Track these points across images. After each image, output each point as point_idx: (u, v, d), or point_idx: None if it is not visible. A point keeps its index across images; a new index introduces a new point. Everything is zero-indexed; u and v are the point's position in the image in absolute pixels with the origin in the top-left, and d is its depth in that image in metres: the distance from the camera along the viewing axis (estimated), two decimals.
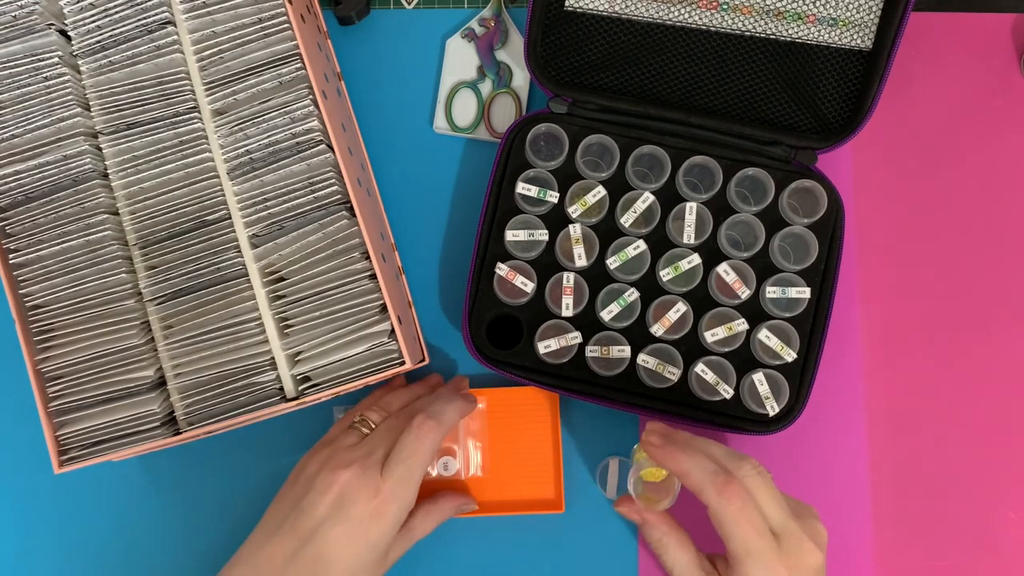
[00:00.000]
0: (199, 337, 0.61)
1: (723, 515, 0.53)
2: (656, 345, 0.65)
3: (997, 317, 0.70)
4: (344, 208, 0.61)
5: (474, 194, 0.71)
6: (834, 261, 0.65)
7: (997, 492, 0.69)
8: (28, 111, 0.62)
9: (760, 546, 0.52)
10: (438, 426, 0.58)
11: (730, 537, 0.53)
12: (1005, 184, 0.72)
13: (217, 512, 0.69)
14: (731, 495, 0.53)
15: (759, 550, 0.52)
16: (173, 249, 0.61)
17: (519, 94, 0.72)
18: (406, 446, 0.57)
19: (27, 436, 0.69)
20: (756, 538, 0.52)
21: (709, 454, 0.56)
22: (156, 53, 0.62)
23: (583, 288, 0.66)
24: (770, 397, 0.63)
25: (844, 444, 0.69)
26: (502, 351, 0.66)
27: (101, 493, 0.69)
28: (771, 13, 0.66)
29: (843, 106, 0.66)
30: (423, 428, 0.57)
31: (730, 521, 0.53)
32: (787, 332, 0.64)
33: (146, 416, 0.60)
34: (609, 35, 0.68)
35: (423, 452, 0.57)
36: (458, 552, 0.68)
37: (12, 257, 0.61)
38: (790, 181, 0.65)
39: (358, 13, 0.71)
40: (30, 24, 0.62)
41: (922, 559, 0.68)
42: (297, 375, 0.60)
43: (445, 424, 0.58)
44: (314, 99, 0.61)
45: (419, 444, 0.57)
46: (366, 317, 0.60)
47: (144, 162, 0.62)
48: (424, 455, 0.57)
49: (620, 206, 0.66)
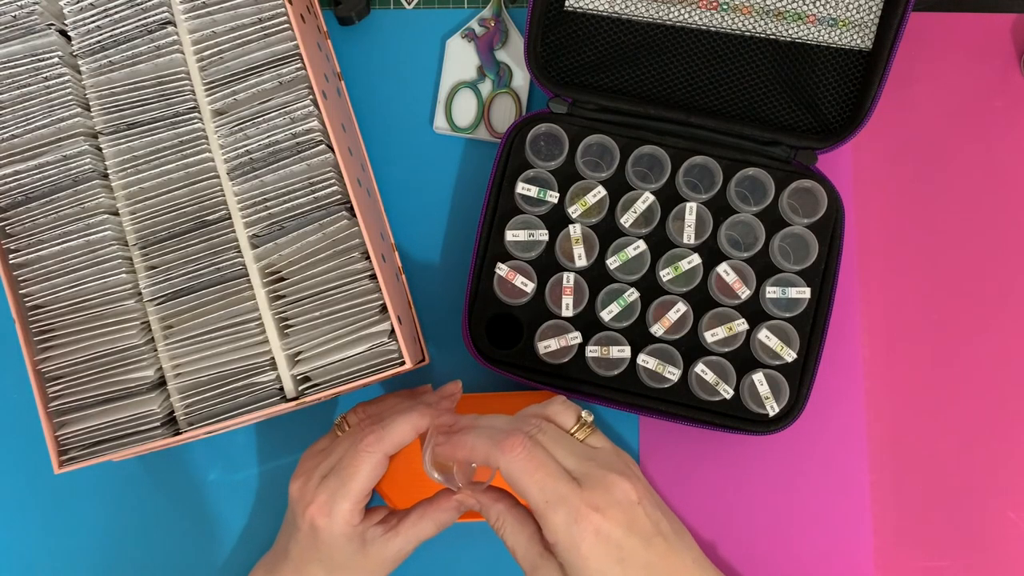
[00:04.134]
0: (199, 337, 0.61)
1: (512, 469, 0.49)
2: (656, 345, 0.65)
3: (997, 317, 0.70)
4: (344, 208, 0.61)
5: (474, 194, 0.71)
6: (834, 261, 0.65)
7: (997, 492, 0.69)
8: (28, 111, 0.61)
9: (558, 489, 0.48)
10: (378, 442, 0.56)
11: (526, 490, 0.49)
12: (1005, 184, 0.72)
13: (217, 512, 0.69)
14: (513, 446, 0.49)
15: (558, 494, 0.48)
16: (173, 249, 0.61)
17: (519, 94, 0.72)
18: (345, 462, 0.56)
19: (27, 436, 0.69)
20: (551, 482, 0.48)
21: (491, 426, 0.53)
22: (156, 53, 0.62)
23: (583, 288, 0.66)
24: (770, 397, 0.63)
25: (844, 444, 0.69)
26: (502, 351, 0.66)
27: (101, 493, 0.69)
28: (771, 13, 0.66)
29: (843, 106, 0.66)
30: (363, 443, 0.56)
31: (519, 472, 0.49)
32: (787, 332, 0.64)
33: (146, 416, 0.59)
34: (609, 35, 0.68)
35: (359, 469, 0.56)
36: (459, 554, 0.68)
37: (12, 257, 0.61)
38: (790, 181, 0.65)
39: (358, 13, 0.71)
40: (30, 24, 0.62)
41: (922, 559, 0.68)
42: (297, 375, 0.60)
43: (388, 441, 0.56)
44: (314, 99, 0.61)
45: (356, 460, 0.56)
46: (366, 317, 0.60)
47: (144, 162, 0.62)
48: (360, 472, 0.56)
49: (620, 206, 0.66)
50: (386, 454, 0.56)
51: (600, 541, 0.48)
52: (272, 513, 0.69)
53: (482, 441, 0.52)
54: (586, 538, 0.48)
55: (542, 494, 0.49)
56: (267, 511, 0.69)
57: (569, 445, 0.52)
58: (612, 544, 0.48)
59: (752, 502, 0.69)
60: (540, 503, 0.49)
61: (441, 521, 0.59)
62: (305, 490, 0.57)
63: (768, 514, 0.68)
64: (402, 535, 0.58)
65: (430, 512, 0.59)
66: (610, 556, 0.48)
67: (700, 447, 0.69)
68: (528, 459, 0.49)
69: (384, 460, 0.57)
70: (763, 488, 0.69)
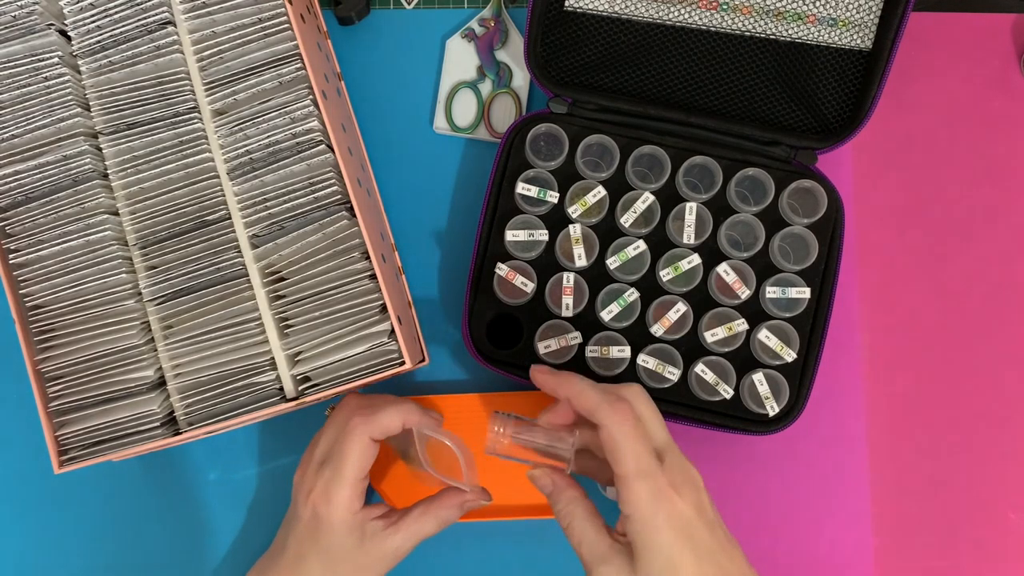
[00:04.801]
0: (199, 337, 0.61)
1: (618, 432, 0.51)
2: (656, 345, 0.65)
3: (997, 316, 0.70)
4: (344, 208, 0.61)
5: (474, 194, 0.71)
6: (834, 261, 0.65)
7: (997, 492, 0.69)
8: (28, 111, 0.61)
9: (649, 464, 0.51)
10: (364, 424, 0.57)
11: (623, 456, 0.51)
12: (1005, 184, 0.72)
13: (217, 512, 0.69)
14: (624, 414, 0.52)
15: (648, 469, 0.51)
16: (173, 249, 0.61)
17: (519, 94, 0.72)
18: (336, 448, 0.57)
19: (27, 436, 0.68)
20: (646, 455, 0.51)
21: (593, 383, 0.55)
22: (156, 53, 0.62)
23: (583, 288, 0.66)
24: (770, 397, 0.63)
25: (844, 444, 0.69)
26: (502, 351, 0.66)
27: (101, 493, 0.69)
28: (771, 13, 0.66)
29: (843, 106, 0.66)
30: (350, 424, 0.57)
31: (623, 436, 0.51)
32: (787, 332, 0.64)
33: (146, 416, 0.59)
34: (609, 35, 0.68)
35: (349, 452, 0.57)
36: (460, 556, 0.68)
37: (12, 257, 0.61)
38: (790, 181, 0.65)
39: (358, 13, 0.71)
40: (30, 24, 0.62)
41: (922, 559, 0.68)
42: (297, 375, 0.60)
43: (375, 424, 0.57)
44: (314, 99, 0.61)
45: (344, 444, 0.57)
46: (366, 317, 0.60)
47: (144, 162, 0.62)
48: (350, 456, 0.57)
49: (620, 206, 0.66)
50: (372, 437, 0.57)
51: (674, 519, 0.50)
52: (272, 513, 0.69)
53: (592, 392, 0.53)
54: (661, 514, 0.50)
55: (637, 463, 0.51)
56: (267, 511, 0.69)
57: (659, 420, 0.54)
58: (684, 523, 0.50)
59: (752, 502, 0.69)
60: (632, 471, 0.51)
61: (444, 518, 0.60)
62: (304, 478, 0.58)
63: (768, 514, 0.68)
64: (403, 531, 0.58)
65: (432, 509, 0.60)
66: (682, 534, 0.50)
67: (700, 447, 0.68)
68: (635, 427, 0.52)
69: (372, 444, 0.58)
70: (763, 488, 0.69)
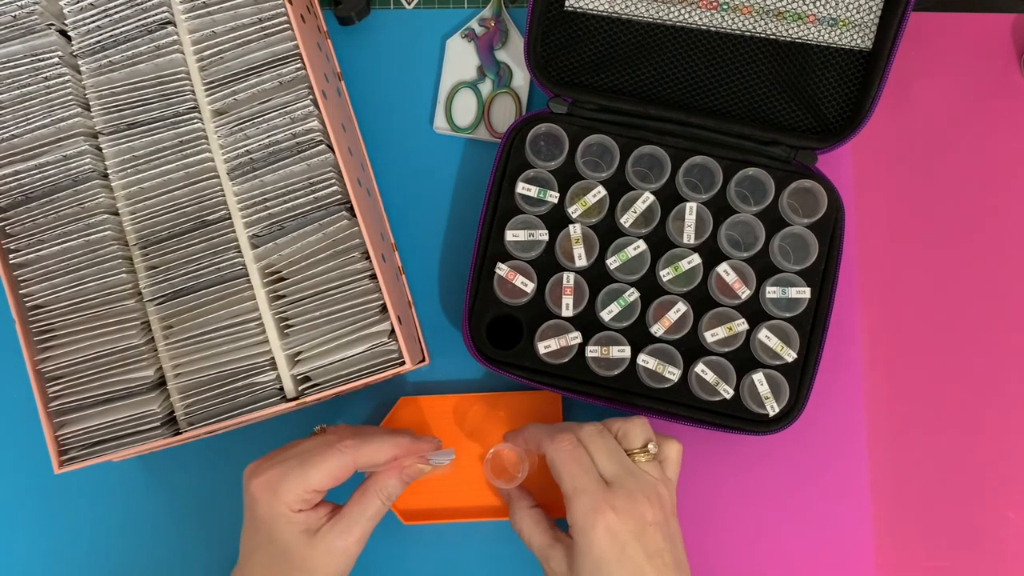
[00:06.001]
0: (199, 337, 0.61)
1: (554, 457, 0.57)
2: (656, 345, 0.65)
3: (997, 317, 0.70)
4: (344, 208, 0.61)
5: (474, 194, 0.71)
6: (834, 261, 0.65)
7: (997, 492, 0.69)
8: (28, 111, 0.62)
9: (586, 483, 0.55)
10: (354, 448, 0.56)
11: (561, 477, 0.56)
12: (1005, 184, 0.72)
13: (217, 512, 0.69)
14: (561, 440, 0.57)
15: (585, 487, 0.55)
16: (173, 249, 0.61)
17: (519, 94, 0.72)
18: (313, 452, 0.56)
19: (27, 436, 0.68)
20: (582, 475, 0.55)
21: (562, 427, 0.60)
22: (156, 53, 0.62)
23: (583, 288, 0.66)
24: (770, 397, 0.63)
25: (844, 444, 0.69)
26: (502, 351, 0.66)
27: (101, 493, 0.69)
28: (771, 13, 0.66)
29: (843, 106, 0.66)
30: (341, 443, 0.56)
31: (559, 462, 0.56)
32: (787, 332, 0.64)
33: (146, 416, 0.60)
34: (609, 35, 0.68)
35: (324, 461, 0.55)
36: (460, 556, 0.68)
37: (12, 257, 0.61)
38: (790, 181, 0.65)
39: (358, 13, 0.71)
40: (30, 24, 0.62)
41: (922, 559, 0.68)
42: (297, 375, 0.60)
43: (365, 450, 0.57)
44: (314, 99, 0.61)
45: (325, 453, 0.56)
46: (366, 317, 0.60)
47: (144, 162, 0.62)
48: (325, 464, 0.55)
49: (620, 206, 0.66)
50: (357, 462, 0.56)
51: (609, 533, 0.54)
52: None
53: (540, 430, 0.60)
54: (598, 526, 0.54)
55: (572, 482, 0.55)
56: None
57: (614, 456, 0.57)
58: (618, 540, 0.54)
59: (752, 502, 0.69)
60: (569, 489, 0.56)
61: (387, 492, 0.58)
62: (258, 467, 0.57)
63: (768, 514, 0.68)
64: (346, 516, 0.57)
65: (371, 486, 0.58)
66: (613, 548, 0.54)
67: (700, 447, 0.69)
68: (571, 452, 0.57)
69: (351, 468, 0.56)
70: (763, 488, 0.69)
